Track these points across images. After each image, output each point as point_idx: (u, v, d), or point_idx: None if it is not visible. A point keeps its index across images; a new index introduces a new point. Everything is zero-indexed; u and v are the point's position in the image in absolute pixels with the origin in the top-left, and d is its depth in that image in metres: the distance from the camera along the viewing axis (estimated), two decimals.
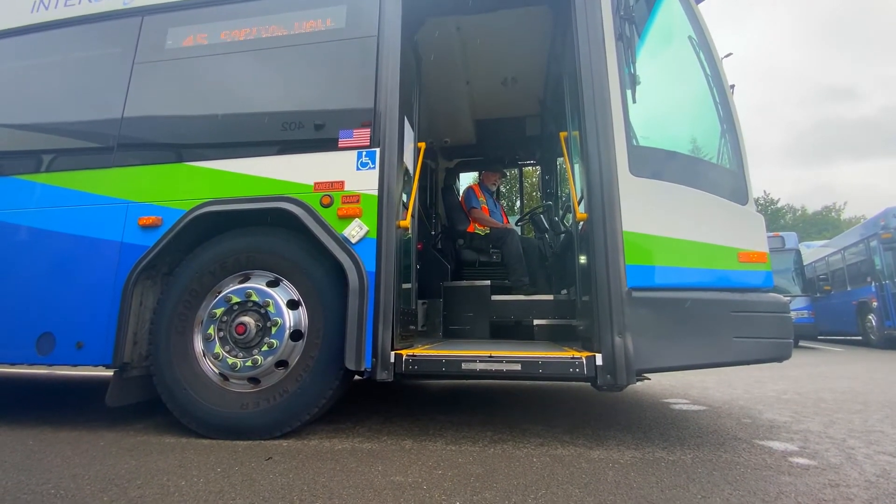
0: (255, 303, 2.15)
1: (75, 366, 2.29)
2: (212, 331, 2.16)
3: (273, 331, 2.10)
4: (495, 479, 1.55)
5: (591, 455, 1.82)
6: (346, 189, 2.19)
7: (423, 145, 2.78)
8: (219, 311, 2.17)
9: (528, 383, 3.73)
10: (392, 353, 2.04)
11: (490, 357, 2.02)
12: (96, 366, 2.22)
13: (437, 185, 4.85)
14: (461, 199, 4.35)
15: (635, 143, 2.15)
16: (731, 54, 2.59)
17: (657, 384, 3.75)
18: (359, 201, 2.16)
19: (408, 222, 2.39)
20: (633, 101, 2.19)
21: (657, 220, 2.04)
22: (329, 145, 2.27)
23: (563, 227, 4.13)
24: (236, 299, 2.17)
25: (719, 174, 2.26)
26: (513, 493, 1.42)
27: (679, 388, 3.60)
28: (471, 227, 4.08)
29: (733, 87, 2.39)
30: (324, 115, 2.34)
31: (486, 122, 4.60)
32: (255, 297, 2.15)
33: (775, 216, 37.25)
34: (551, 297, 3.45)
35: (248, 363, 2.08)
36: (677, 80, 2.57)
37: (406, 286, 2.61)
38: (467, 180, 5.61)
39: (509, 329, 3.53)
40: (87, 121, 2.61)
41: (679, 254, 2.02)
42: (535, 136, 4.57)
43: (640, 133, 2.19)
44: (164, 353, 2.17)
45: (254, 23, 2.53)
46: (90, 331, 2.23)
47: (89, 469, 1.66)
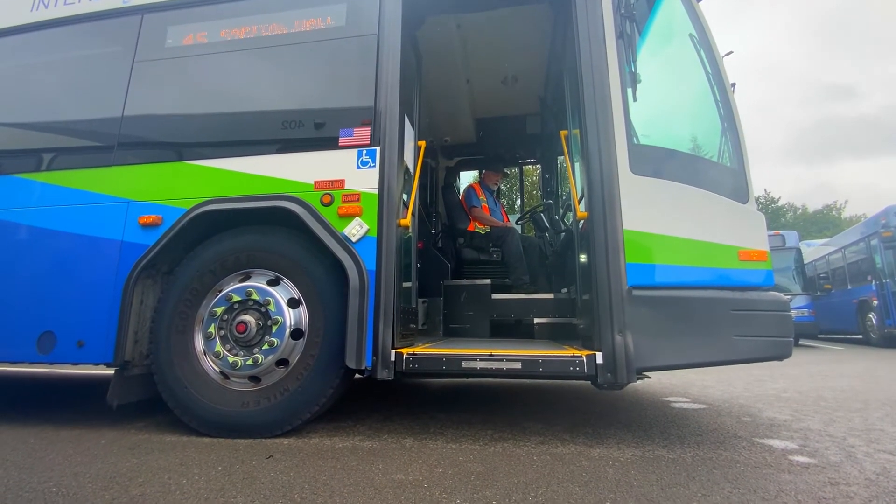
0: (255, 301, 2.15)
1: (76, 364, 2.29)
2: (212, 329, 2.16)
3: (274, 329, 2.10)
4: (496, 477, 1.55)
5: (592, 453, 1.83)
6: (346, 188, 2.19)
7: (423, 144, 2.78)
8: (219, 310, 2.18)
9: (528, 382, 3.73)
10: (392, 351, 2.04)
11: (490, 355, 2.02)
12: (97, 364, 2.22)
13: (437, 183, 4.85)
14: (462, 197, 4.34)
15: (636, 142, 2.15)
16: (731, 53, 2.58)
17: (657, 382, 3.75)
18: (359, 200, 2.16)
19: (408, 221, 2.39)
20: (634, 100, 2.18)
21: (658, 219, 2.04)
22: (329, 144, 2.27)
23: (563, 226, 4.12)
24: (237, 298, 2.17)
25: (720, 172, 2.26)
26: (513, 492, 1.42)
27: (679, 386, 3.60)
28: (471, 226, 4.08)
29: (734, 85, 2.38)
30: (324, 114, 2.34)
31: (487, 121, 4.60)
32: (255, 296, 2.15)
33: (776, 215, 37.23)
34: (551, 296, 3.45)
35: (249, 362, 2.09)
36: (678, 78, 2.56)
37: (406, 285, 2.61)
38: (468, 179, 5.62)
39: (510, 328, 3.53)
40: (87, 119, 2.61)
41: (679, 252, 2.02)
42: (536, 135, 4.56)
43: (641, 131, 2.19)
44: (164, 352, 2.18)
45: (254, 21, 2.53)
46: (91, 329, 2.23)
47: (91, 467, 1.66)
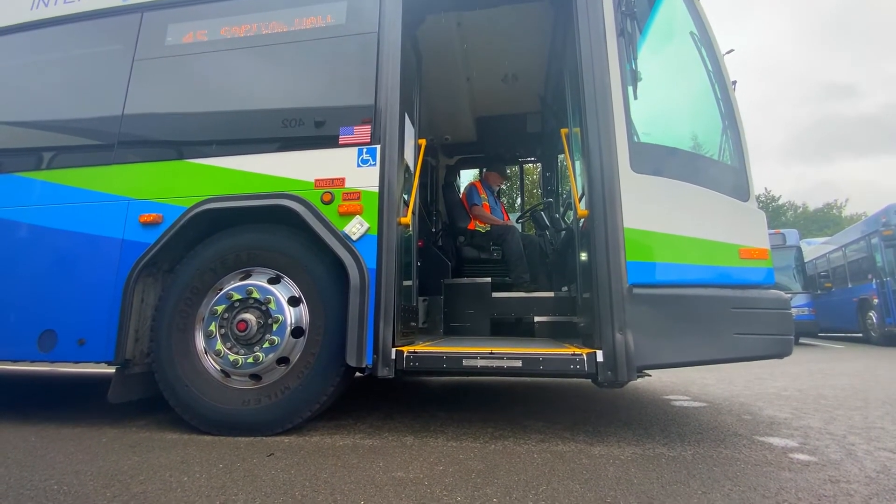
0: (256, 300, 2.15)
1: (77, 363, 2.30)
2: (213, 328, 2.16)
3: (274, 328, 2.10)
4: (496, 474, 1.55)
5: (592, 451, 1.83)
6: (346, 186, 2.18)
7: (423, 142, 2.78)
8: (220, 308, 2.18)
9: (528, 380, 3.74)
10: (393, 349, 2.05)
11: (491, 354, 2.02)
12: (98, 363, 2.23)
13: (437, 182, 4.85)
14: (463, 195, 4.34)
15: (636, 140, 2.14)
16: (732, 51, 2.57)
17: (657, 381, 3.75)
18: (359, 198, 2.16)
19: (408, 219, 2.39)
20: (635, 98, 2.18)
21: (658, 217, 2.04)
22: (330, 142, 2.27)
23: (563, 224, 4.12)
24: (237, 296, 2.17)
25: (721, 171, 2.26)
26: (514, 489, 1.42)
27: (679, 384, 3.60)
28: (471, 225, 4.08)
29: (735, 83, 2.38)
30: (324, 112, 2.34)
31: (487, 119, 4.59)
32: (256, 294, 2.15)
33: (776, 213, 37.21)
34: (552, 294, 3.46)
35: (250, 360, 2.09)
36: (679, 76, 2.56)
37: (407, 283, 2.61)
38: (468, 177, 5.62)
39: (510, 326, 3.53)
40: (87, 118, 2.60)
41: (680, 250, 2.02)
42: (536, 133, 4.56)
43: (642, 129, 2.18)
44: (165, 350, 2.18)
45: (254, 19, 2.52)
46: (92, 328, 2.23)
47: (92, 465, 1.67)
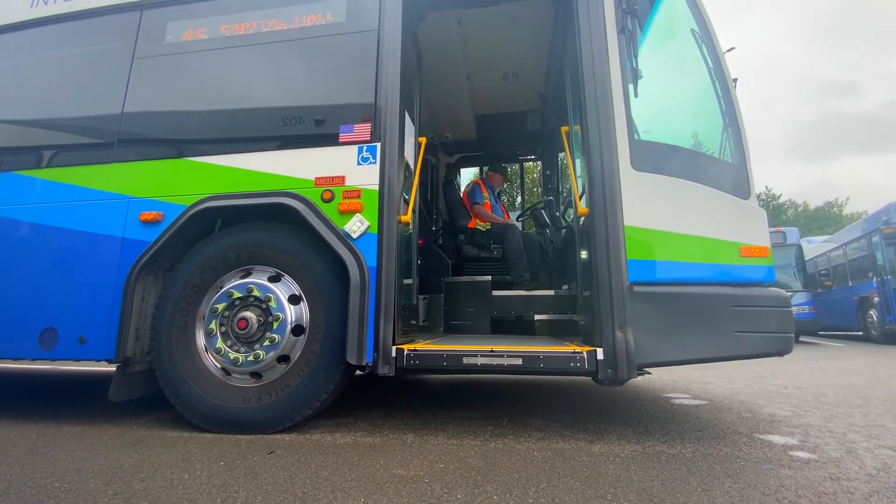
0: (256, 298, 2.16)
1: (78, 361, 2.30)
2: (213, 326, 2.16)
3: (275, 326, 2.11)
4: (497, 472, 1.56)
5: (592, 449, 1.83)
6: (346, 184, 2.18)
7: (423, 140, 2.78)
8: (220, 307, 2.18)
9: (529, 378, 3.74)
10: (393, 347, 2.05)
11: (491, 351, 2.02)
12: (99, 361, 2.23)
13: (437, 180, 4.84)
14: (464, 193, 4.34)
15: (637, 138, 2.14)
16: (733, 49, 2.57)
17: (658, 379, 3.76)
18: (360, 196, 2.16)
19: (409, 217, 2.39)
20: (635, 96, 2.18)
21: (659, 215, 2.04)
22: (330, 140, 2.27)
23: (564, 223, 4.12)
24: (238, 294, 2.17)
25: (721, 169, 2.25)
26: (514, 487, 1.42)
27: (680, 382, 3.60)
28: (472, 223, 4.08)
29: (736, 81, 2.37)
30: (324, 110, 2.33)
31: (487, 117, 4.58)
32: (256, 293, 2.15)
33: (777, 212, 37.19)
34: (552, 293, 3.46)
35: (250, 358, 2.09)
36: (679, 74, 2.55)
37: (407, 281, 2.61)
38: (468, 176, 5.61)
39: (510, 324, 3.53)
40: (87, 116, 2.60)
41: (680, 248, 2.02)
42: (537, 131, 4.55)
43: (642, 127, 2.18)
44: (166, 348, 2.18)
45: (253, 17, 2.52)
46: (92, 326, 2.23)
47: (93, 463, 1.67)
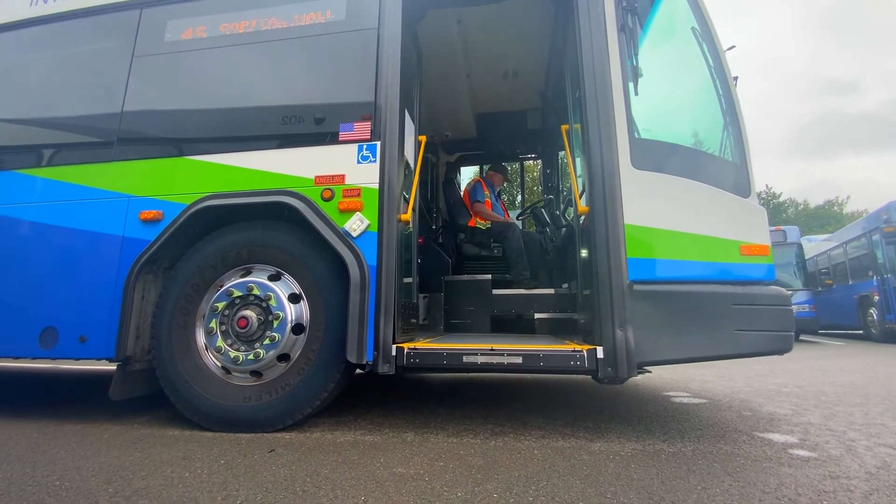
0: (256, 297, 2.16)
1: (78, 360, 2.30)
2: (214, 324, 2.16)
3: (275, 324, 2.11)
4: (497, 470, 1.56)
5: (592, 447, 1.83)
6: (346, 183, 2.18)
7: (423, 139, 2.78)
8: (220, 305, 2.18)
9: (529, 377, 3.75)
10: (393, 346, 2.05)
11: (491, 350, 2.02)
12: (99, 359, 2.23)
13: (437, 179, 4.84)
14: (465, 191, 4.34)
15: (637, 136, 2.14)
16: (734, 47, 2.56)
17: (658, 377, 3.76)
18: (360, 195, 2.16)
19: (409, 216, 2.39)
20: (636, 94, 2.18)
21: (659, 213, 2.04)
22: (330, 139, 2.26)
23: (564, 221, 4.12)
24: (238, 293, 2.17)
25: (722, 167, 2.25)
26: (514, 485, 1.43)
27: (680, 381, 3.61)
28: (472, 222, 4.08)
29: (736, 79, 2.37)
30: (324, 109, 2.33)
31: (487, 116, 4.58)
32: (256, 291, 2.15)
33: (777, 210, 37.16)
34: (552, 291, 3.46)
35: (251, 357, 2.09)
36: (680, 72, 2.55)
37: (407, 280, 2.62)
38: (468, 174, 5.61)
39: (510, 323, 3.53)
40: (86, 115, 2.60)
41: (681, 247, 2.02)
42: (537, 130, 4.55)
43: (642, 126, 2.18)
44: (166, 347, 2.18)
45: (253, 15, 2.51)
46: (93, 325, 2.24)
47: (94, 461, 1.67)
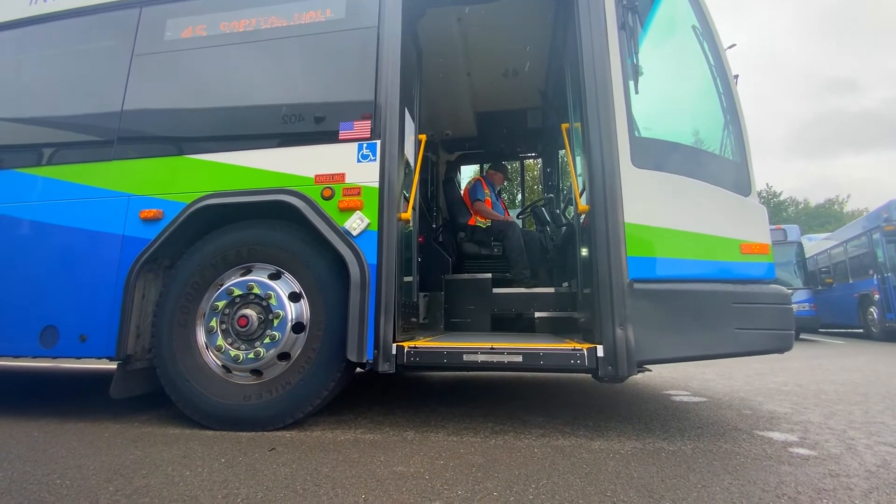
0: (256, 295, 2.16)
1: (79, 358, 2.31)
2: (214, 323, 2.17)
3: (275, 323, 2.11)
4: (497, 469, 1.56)
5: (592, 446, 1.84)
6: (346, 181, 2.18)
7: (423, 138, 2.77)
8: (221, 304, 2.18)
9: (529, 375, 3.75)
10: (394, 345, 2.05)
11: (491, 349, 2.03)
12: (100, 358, 2.23)
13: (438, 178, 4.84)
14: (465, 190, 4.34)
15: (637, 135, 2.14)
16: (734, 45, 2.56)
17: (658, 376, 3.76)
18: (360, 194, 2.16)
19: (409, 215, 2.39)
20: (636, 92, 2.17)
21: (659, 212, 2.04)
22: (329, 137, 2.26)
23: (564, 220, 4.12)
24: (238, 292, 2.17)
25: (722, 165, 2.25)
26: (514, 483, 1.43)
27: (680, 379, 3.61)
28: (472, 220, 4.08)
29: (737, 77, 2.36)
30: (324, 107, 2.33)
31: (488, 115, 4.58)
32: (256, 290, 2.16)
33: (778, 209, 37.11)
34: (552, 290, 3.46)
35: (251, 355, 2.09)
36: (680, 70, 2.55)
37: (407, 279, 2.62)
38: (468, 173, 5.60)
39: (511, 322, 3.53)
40: (86, 114, 2.60)
41: (681, 245, 2.02)
42: (537, 129, 4.54)
43: (643, 124, 2.18)
44: (166, 346, 2.18)
45: (253, 14, 2.51)
46: (93, 324, 2.24)
47: (94, 459, 1.67)
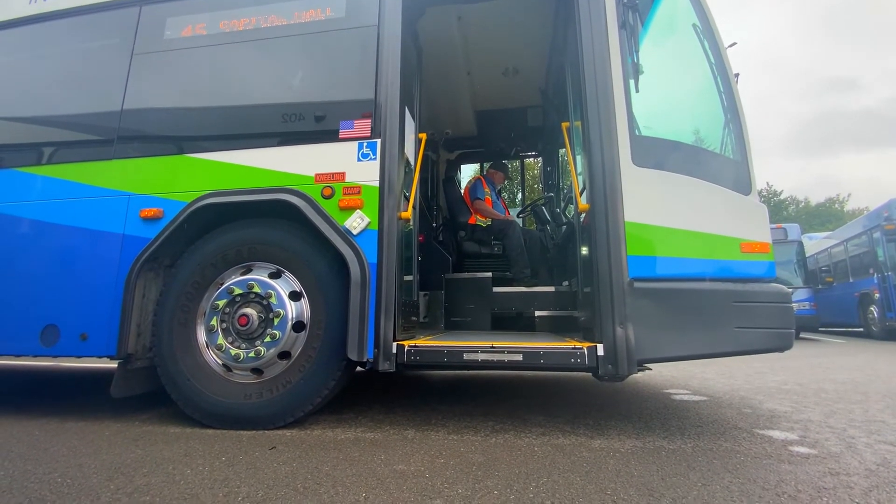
0: (257, 294, 2.16)
1: (80, 357, 2.31)
2: (214, 322, 2.17)
3: (275, 322, 2.11)
4: (497, 467, 1.56)
5: (592, 444, 1.84)
6: (347, 180, 2.18)
7: (424, 136, 2.77)
8: (221, 303, 2.18)
9: (529, 374, 3.75)
10: (394, 343, 2.05)
11: (492, 347, 2.03)
12: (101, 357, 2.24)
13: (438, 176, 4.84)
14: (465, 189, 4.34)
15: (638, 133, 2.13)
16: (735, 44, 2.55)
17: (658, 375, 3.76)
18: (360, 192, 2.16)
19: (409, 214, 2.39)
20: (636, 91, 2.17)
21: (660, 211, 2.03)
22: (330, 136, 2.26)
23: (564, 219, 4.12)
24: (238, 291, 2.18)
25: (723, 164, 2.25)
26: (514, 482, 1.43)
27: (680, 378, 3.61)
28: (472, 219, 4.08)
29: (737, 76, 2.36)
30: (324, 106, 2.33)
31: (488, 114, 4.57)
32: (257, 289, 2.16)
33: (778, 208, 37.06)
34: (553, 289, 3.45)
35: (251, 354, 2.10)
36: (681, 69, 2.54)
37: (408, 278, 2.62)
38: (469, 172, 5.61)
39: (511, 320, 3.54)
40: (86, 113, 2.60)
41: (681, 244, 2.02)
42: (537, 127, 4.54)
43: (643, 123, 2.17)
44: (167, 345, 2.19)
45: (253, 12, 2.51)
46: (94, 322, 2.24)
47: (95, 458, 1.68)
